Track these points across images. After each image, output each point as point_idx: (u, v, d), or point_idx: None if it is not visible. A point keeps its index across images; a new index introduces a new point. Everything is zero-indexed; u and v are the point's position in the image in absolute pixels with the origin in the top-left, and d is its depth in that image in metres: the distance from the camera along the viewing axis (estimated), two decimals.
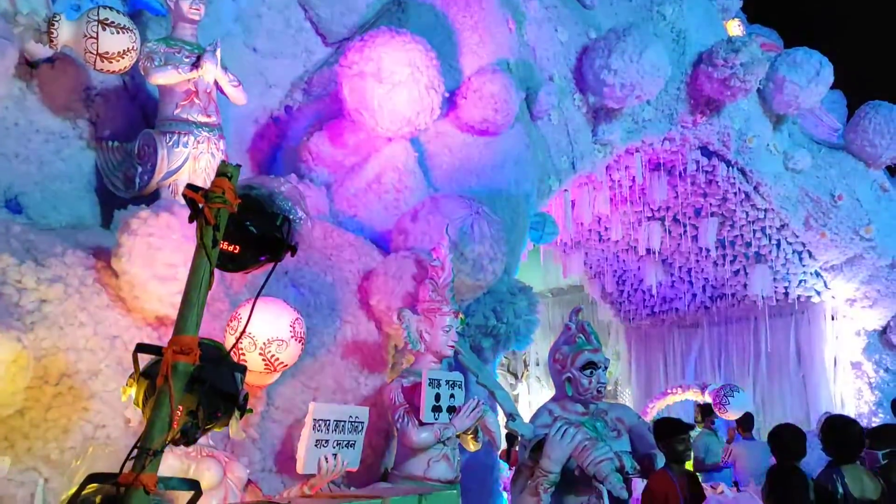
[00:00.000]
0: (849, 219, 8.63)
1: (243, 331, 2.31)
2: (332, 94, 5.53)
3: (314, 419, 3.18)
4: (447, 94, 5.47)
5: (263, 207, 2.28)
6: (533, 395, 13.18)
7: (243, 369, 2.18)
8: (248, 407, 2.25)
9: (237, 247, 2.23)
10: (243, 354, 3.36)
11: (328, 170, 5.38)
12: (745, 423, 8.23)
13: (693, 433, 7.76)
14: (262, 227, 2.26)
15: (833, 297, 9.34)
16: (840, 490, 4.08)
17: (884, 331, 9.23)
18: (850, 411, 8.79)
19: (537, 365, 13.16)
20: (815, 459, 4.80)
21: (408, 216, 5.05)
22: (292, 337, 3.48)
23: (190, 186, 2.12)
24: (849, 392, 9.28)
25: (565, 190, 7.60)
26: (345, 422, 3.30)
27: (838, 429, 4.44)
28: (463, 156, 5.83)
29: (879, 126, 8.54)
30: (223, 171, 2.13)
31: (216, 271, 2.24)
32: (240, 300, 3.81)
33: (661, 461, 4.72)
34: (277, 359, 3.42)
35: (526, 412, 8.33)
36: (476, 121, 5.81)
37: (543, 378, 12.76)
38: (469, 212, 4.95)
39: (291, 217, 2.33)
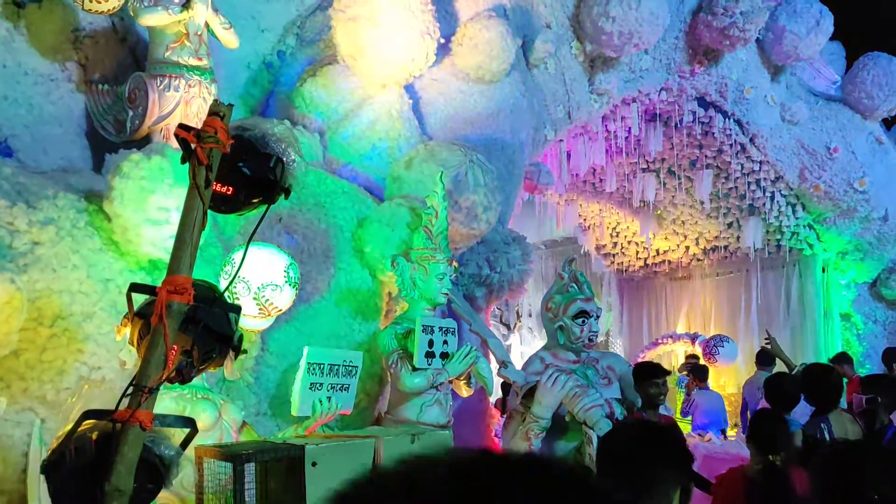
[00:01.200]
0: (843, 171, 8.61)
1: (237, 272, 2.32)
2: (326, 38, 5.44)
3: (308, 362, 3.21)
4: (442, 41, 5.39)
5: (256, 149, 2.26)
6: (525, 345, 13.29)
7: (238, 310, 2.19)
8: (242, 348, 2.27)
9: (230, 188, 2.22)
10: (237, 299, 3.36)
11: (321, 116, 5.32)
12: (700, 373, 8.38)
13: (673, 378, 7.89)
14: (255, 168, 2.24)
15: (825, 250, 9.39)
16: (827, 437, 4.18)
17: (874, 283, 9.31)
18: None
19: (530, 316, 13.24)
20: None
21: (402, 164, 5.02)
22: (286, 282, 3.49)
23: (182, 126, 2.10)
24: (837, 343, 9.40)
25: (560, 140, 7.55)
26: (339, 366, 3.33)
27: (818, 378, 4.55)
28: (458, 103, 5.77)
29: (878, 78, 8.46)
30: (215, 111, 2.10)
31: (209, 217, 2.24)
32: (233, 246, 3.80)
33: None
34: (272, 303, 3.43)
35: (518, 363, 8.41)
36: (471, 68, 5.73)
37: (536, 329, 12.86)
38: (464, 160, 4.93)
39: (285, 159, 2.31)
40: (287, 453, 2.28)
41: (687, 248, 10.77)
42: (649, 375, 4.92)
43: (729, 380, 9.81)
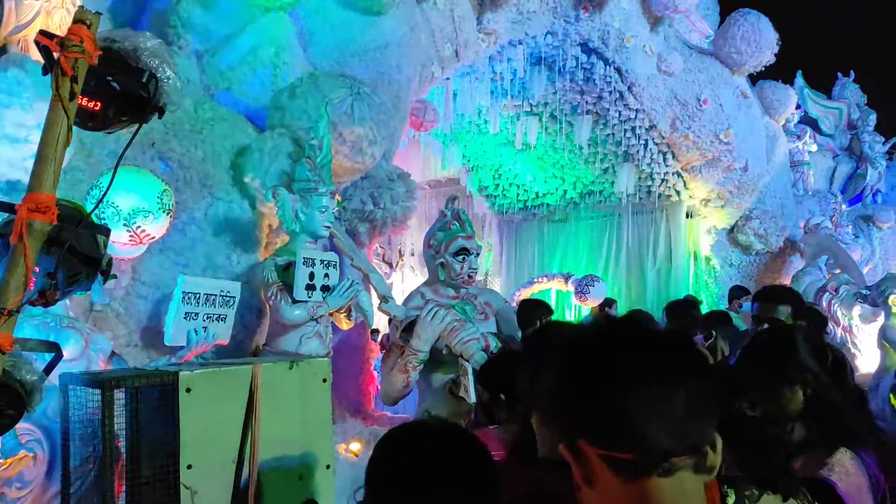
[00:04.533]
0: (711, 123, 9.06)
1: (105, 193, 2.21)
2: None
3: (184, 291, 3.13)
4: None
5: (127, 62, 2.12)
6: (407, 283, 13.41)
7: (106, 232, 2.10)
8: (112, 273, 2.18)
9: (98, 103, 2.08)
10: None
11: (199, 38, 5.05)
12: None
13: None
14: (125, 83, 2.11)
15: (691, 197, 9.93)
16: None
17: (732, 229, 9.98)
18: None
19: (412, 255, 13.34)
20: None
21: (285, 92, 4.88)
22: (160, 209, 3.35)
23: (43, 32, 1.95)
24: (698, 285, 10.06)
25: (448, 78, 7.54)
26: (216, 295, 3.27)
27: (677, 312, 4.92)
28: (344, 34, 5.61)
29: (747, 34, 8.91)
30: (81, 18, 1.96)
31: (75, 137, 2.09)
32: (101, 170, 3.60)
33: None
34: (144, 231, 3.30)
35: (400, 301, 8.50)
36: None
37: (418, 268, 13.00)
38: (349, 92, 4.84)
39: (159, 75, 2.19)
40: (160, 380, 2.23)
41: (565, 191, 11.10)
42: (540, 315, 5.10)
43: None
